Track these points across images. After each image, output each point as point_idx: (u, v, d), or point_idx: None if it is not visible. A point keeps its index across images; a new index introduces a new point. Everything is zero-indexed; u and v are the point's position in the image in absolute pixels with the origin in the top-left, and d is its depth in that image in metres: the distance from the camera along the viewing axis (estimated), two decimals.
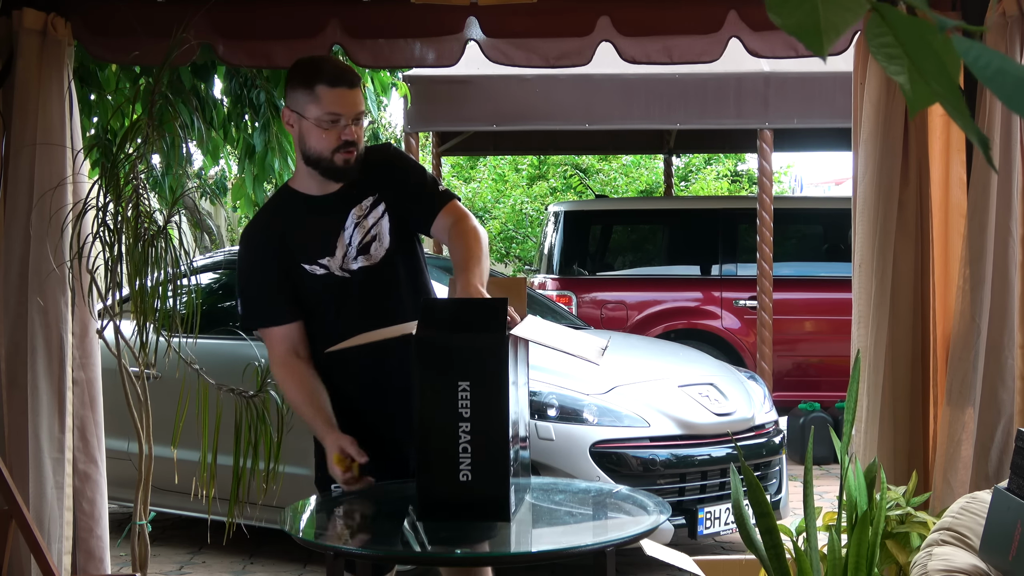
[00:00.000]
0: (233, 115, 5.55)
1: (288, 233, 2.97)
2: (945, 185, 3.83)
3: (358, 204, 2.98)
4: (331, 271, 2.96)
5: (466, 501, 2.51)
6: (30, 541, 3.34)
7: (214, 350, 5.21)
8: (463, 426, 2.47)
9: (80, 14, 3.89)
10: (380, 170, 3.00)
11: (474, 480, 2.48)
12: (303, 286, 2.96)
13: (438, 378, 2.47)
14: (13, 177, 3.79)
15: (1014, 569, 2.51)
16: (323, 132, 2.88)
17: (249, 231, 3.07)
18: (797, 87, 7.62)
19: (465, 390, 2.46)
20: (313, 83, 2.87)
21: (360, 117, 2.92)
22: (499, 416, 2.49)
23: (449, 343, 2.48)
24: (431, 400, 2.48)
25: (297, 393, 2.93)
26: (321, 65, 2.94)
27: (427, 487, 2.52)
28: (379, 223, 2.98)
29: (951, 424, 3.69)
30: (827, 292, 8.62)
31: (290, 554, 5.49)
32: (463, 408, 2.46)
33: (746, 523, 3.01)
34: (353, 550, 2.64)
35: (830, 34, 0.88)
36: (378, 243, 2.97)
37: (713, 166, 19.88)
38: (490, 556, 2.78)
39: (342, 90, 2.87)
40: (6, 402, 3.79)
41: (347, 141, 2.88)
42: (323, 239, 2.96)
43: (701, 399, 5.25)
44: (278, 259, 2.96)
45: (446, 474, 2.49)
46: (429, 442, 2.50)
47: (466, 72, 6.88)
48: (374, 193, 2.98)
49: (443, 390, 2.47)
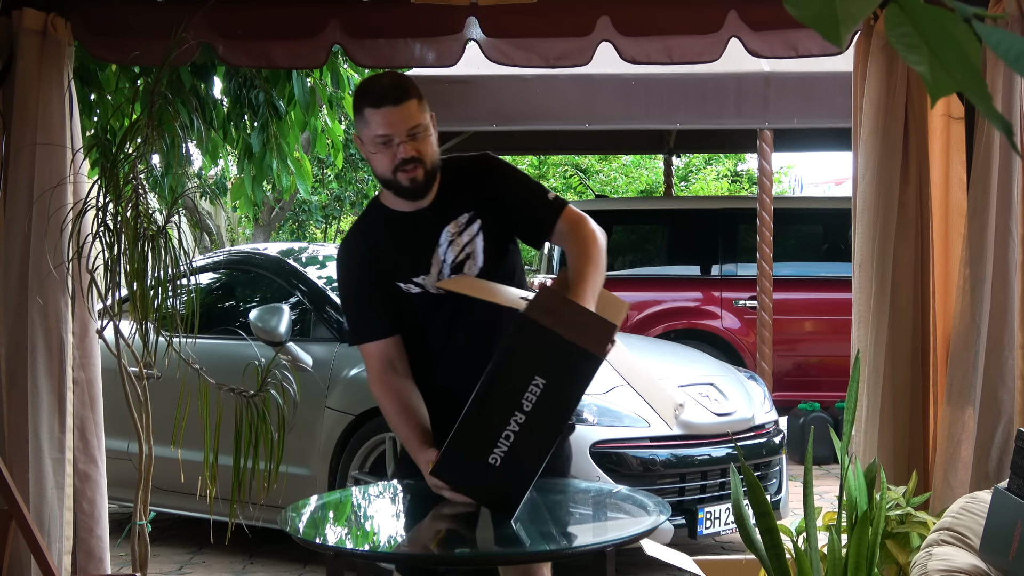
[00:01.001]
0: (232, 115, 5.55)
1: (380, 252, 2.89)
2: (945, 185, 3.83)
3: (454, 220, 2.88)
4: (426, 289, 2.87)
5: (482, 482, 2.53)
6: (30, 541, 3.34)
7: (214, 350, 5.21)
8: (517, 416, 2.46)
9: (80, 14, 3.89)
10: (478, 184, 2.89)
11: (500, 468, 2.49)
12: (400, 303, 2.89)
13: (522, 361, 2.45)
14: (13, 177, 3.79)
15: (1014, 569, 2.51)
16: (380, 154, 2.78)
17: (343, 250, 2.98)
18: (797, 87, 7.61)
19: (538, 386, 2.44)
20: (360, 106, 2.78)
21: (417, 131, 2.77)
22: (554, 426, 2.50)
23: (550, 338, 2.44)
24: (504, 376, 2.47)
25: (393, 410, 2.85)
26: (368, 86, 2.82)
27: (455, 449, 2.52)
28: (473, 241, 2.88)
29: (951, 424, 3.69)
30: (827, 292, 8.62)
31: (290, 554, 5.49)
32: (527, 400, 2.45)
33: (746, 523, 3.01)
34: (353, 550, 2.64)
35: (847, 23, 0.88)
36: (471, 262, 2.87)
37: (713, 166, 19.89)
38: (490, 556, 2.78)
39: (387, 109, 2.74)
40: (6, 402, 3.79)
41: (403, 159, 2.77)
42: (417, 257, 2.87)
43: (701, 399, 5.25)
44: (370, 278, 2.89)
45: (478, 447, 2.49)
46: (481, 411, 2.49)
47: (466, 72, 6.88)
48: (470, 210, 2.87)
49: (519, 374, 2.45)
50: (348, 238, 3.00)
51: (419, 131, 2.77)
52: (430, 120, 2.82)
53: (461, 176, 2.90)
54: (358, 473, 5.13)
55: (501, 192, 2.90)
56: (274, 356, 4.06)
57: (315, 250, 6.39)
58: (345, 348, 5.33)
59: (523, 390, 2.44)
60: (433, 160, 2.82)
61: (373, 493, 3.21)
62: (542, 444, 2.50)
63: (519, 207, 2.90)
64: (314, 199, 17.30)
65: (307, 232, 18.69)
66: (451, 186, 2.90)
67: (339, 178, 17.18)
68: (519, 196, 2.91)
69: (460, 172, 2.91)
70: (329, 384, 5.24)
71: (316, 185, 16.62)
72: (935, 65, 0.89)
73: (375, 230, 2.92)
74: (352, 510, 3.00)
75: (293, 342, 5.25)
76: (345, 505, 3.05)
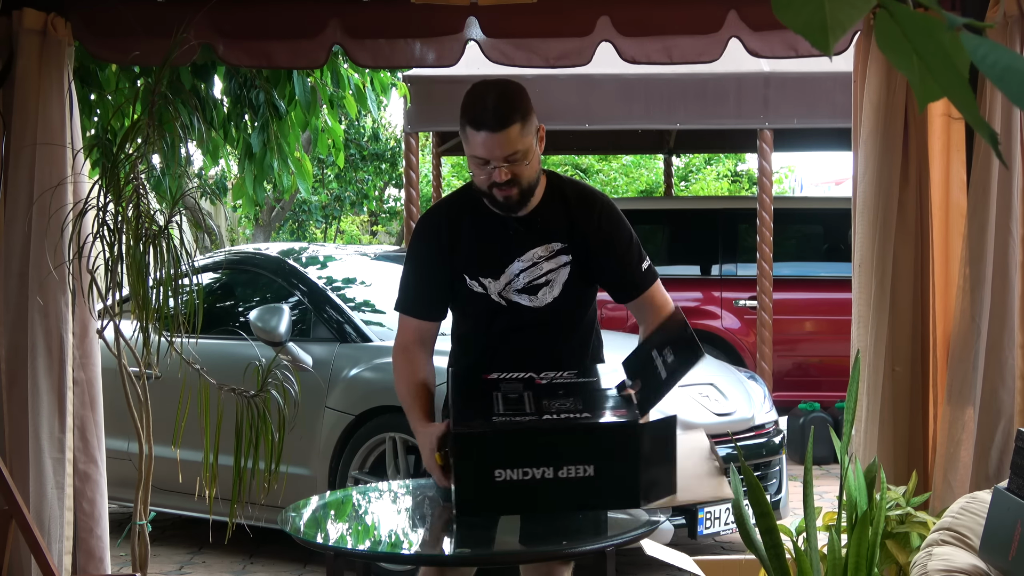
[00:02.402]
0: (233, 115, 5.55)
1: (460, 238, 2.86)
2: (945, 185, 3.83)
3: (546, 244, 2.83)
4: (488, 294, 2.85)
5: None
6: (30, 541, 3.34)
7: (215, 350, 5.21)
8: (547, 472, 2.50)
9: (80, 14, 3.89)
10: (581, 217, 2.84)
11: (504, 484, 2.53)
12: (461, 291, 2.88)
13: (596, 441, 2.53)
14: (13, 177, 3.80)
15: (1014, 569, 2.51)
16: (477, 169, 2.74)
17: (426, 219, 2.95)
18: (797, 87, 7.62)
19: (586, 469, 2.49)
20: (463, 119, 2.72)
21: (516, 156, 2.69)
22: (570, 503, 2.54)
23: (633, 460, 2.51)
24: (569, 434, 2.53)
25: (404, 381, 2.85)
26: (472, 101, 2.72)
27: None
28: (558, 271, 2.84)
29: (951, 424, 3.69)
30: (827, 292, 8.62)
31: (290, 554, 5.49)
32: (567, 470, 2.49)
33: (746, 523, 3.01)
34: (353, 550, 2.64)
35: (836, 32, 0.88)
36: (548, 289, 2.84)
37: (713, 166, 19.89)
38: (490, 556, 2.78)
39: (485, 134, 2.67)
40: (6, 402, 3.79)
41: (496, 183, 2.71)
42: (493, 260, 2.84)
43: (701, 399, 5.25)
44: (439, 258, 2.86)
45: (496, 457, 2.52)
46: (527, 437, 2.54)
47: (466, 72, 6.87)
48: (564, 241, 2.83)
49: (581, 448, 2.50)
50: (437, 208, 2.96)
51: (518, 156, 2.70)
52: (535, 139, 2.75)
53: (566, 202, 2.85)
54: (358, 473, 5.13)
55: (601, 237, 2.85)
56: (274, 356, 4.07)
57: (315, 250, 6.39)
58: (345, 348, 5.33)
59: (572, 461, 2.49)
60: (531, 181, 2.76)
61: (373, 493, 3.21)
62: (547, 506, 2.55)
63: (613, 261, 2.87)
64: (314, 199, 17.29)
65: (307, 232, 18.69)
66: (552, 207, 2.85)
67: (339, 178, 17.18)
68: (617, 250, 2.87)
69: (566, 197, 2.86)
70: (329, 384, 5.24)
71: (316, 185, 16.62)
72: (923, 72, 0.89)
73: (463, 213, 2.87)
74: (352, 510, 3.00)
75: (293, 342, 5.25)
76: (345, 505, 3.05)
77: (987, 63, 0.87)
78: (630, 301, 2.91)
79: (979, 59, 0.87)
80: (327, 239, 19.84)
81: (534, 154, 2.74)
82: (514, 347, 2.85)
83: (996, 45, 0.88)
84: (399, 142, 16.80)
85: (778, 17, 0.89)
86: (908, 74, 0.90)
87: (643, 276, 2.88)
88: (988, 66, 0.87)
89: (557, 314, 2.86)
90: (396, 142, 17.04)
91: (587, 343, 2.97)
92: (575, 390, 2.68)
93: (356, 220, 21.91)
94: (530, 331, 2.86)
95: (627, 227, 2.91)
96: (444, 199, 3.00)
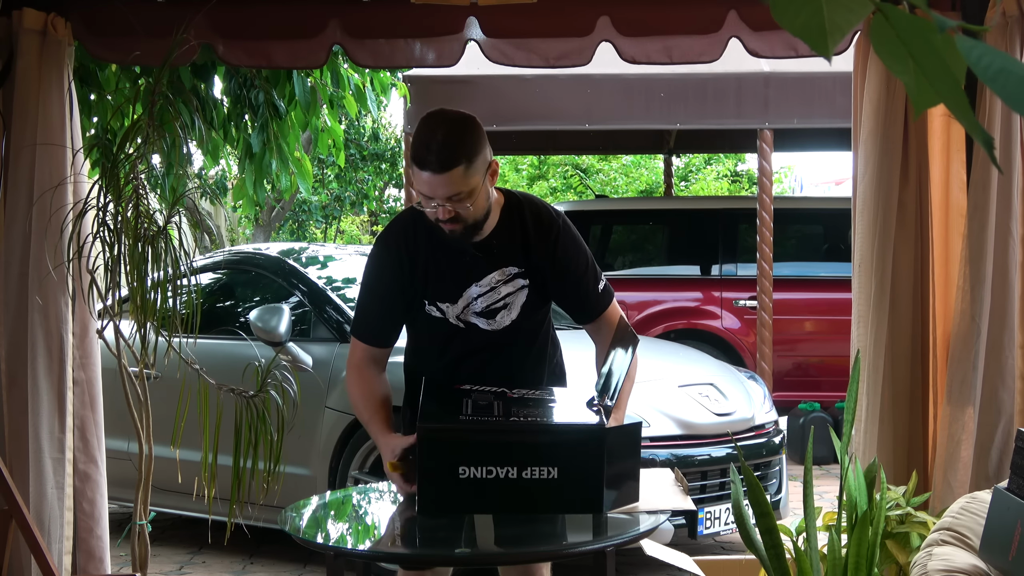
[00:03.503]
0: (233, 115, 5.55)
1: (417, 262, 2.84)
2: (945, 185, 3.83)
3: (501, 268, 2.84)
4: (447, 318, 2.86)
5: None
6: (30, 541, 3.34)
7: (214, 350, 5.21)
8: (511, 472, 2.53)
9: (80, 14, 3.89)
10: (538, 240, 2.84)
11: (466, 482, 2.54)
12: (419, 315, 2.89)
13: (561, 443, 2.55)
14: (13, 177, 3.80)
15: (1014, 569, 2.51)
16: (424, 202, 2.73)
17: (382, 241, 2.94)
18: (797, 87, 7.62)
19: (549, 470, 2.52)
20: (411, 156, 2.71)
21: (459, 197, 2.66)
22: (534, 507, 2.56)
23: (595, 463, 2.53)
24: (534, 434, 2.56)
25: (361, 397, 2.87)
26: (420, 138, 2.69)
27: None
28: (516, 295, 2.86)
29: (951, 424, 3.69)
30: (827, 292, 8.62)
31: (290, 554, 5.49)
32: (530, 471, 2.52)
33: (746, 523, 3.01)
34: (353, 550, 2.64)
35: (835, 35, 0.88)
36: (506, 312, 2.86)
37: (713, 166, 19.90)
38: (490, 556, 2.79)
39: (428, 174, 2.64)
40: (6, 402, 3.79)
41: (440, 219, 2.71)
42: (450, 286, 2.85)
43: (701, 399, 5.25)
44: (397, 284, 2.86)
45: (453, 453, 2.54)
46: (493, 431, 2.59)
47: (466, 72, 6.88)
48: (520, 266, 2.84)
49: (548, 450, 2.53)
50: (392, 231, 2.93)
51: (461, 196, 2.67)
52: (483, 177, 2.71)
53: (524, 225, 2.84)
54: (358, 473, 5.13)
55: (558, 264, 2.86)
56: (274, 356, 4.06)
57: (315, 250, 6.38)
58: (345, 348, 5.33)
59: (536, 463, 2.51)
60: (476, 217, 2.74)
61: (373, 493, 3.21)
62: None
63: (571, 286, 2.90)
64: (314, 199, 17.30)
65: (307, 232, 18.70)
66: (508, 231, 2.84)
67: (339, 178, 17.19)
68: (574, 276, 2.88)
69: (524, 220, 2.85)
70: (329, 384, 5.24)
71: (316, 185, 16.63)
72: (919, 77, 0.89)
73: (419, 235, 2.85)
74: (352, 510, 3.00)
75: (293, 342, 5.25)
76: (345, 505, 3.06)
77: (981, 65, 0.87)
78: (588, 323, 2.95)
79: (974, 61, 0.87)
80: (327, 239, 19.85)
81: (480, 192, 2.71)
82: (472, 367, 2.88)
83: (990, 48, 0.88)
84: (399, 142, 16.81)
85: (777, 20, 0.89)
86: (903, 78, 0.90)
87: (600, 298, 2.91)
88: (982, 68, 0.86)
89: (515, 333, 2.89)
90: (396, 142, 17.05)
91: (544, 354, 3.01)
92: (545, 402, 2.74)
93: (356, 220, 21.93)
94: (489, 351, 2.89)
95: (583, 249, 2.92)
96: (402, 216, 2.95)
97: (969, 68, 0.88)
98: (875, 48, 0.91)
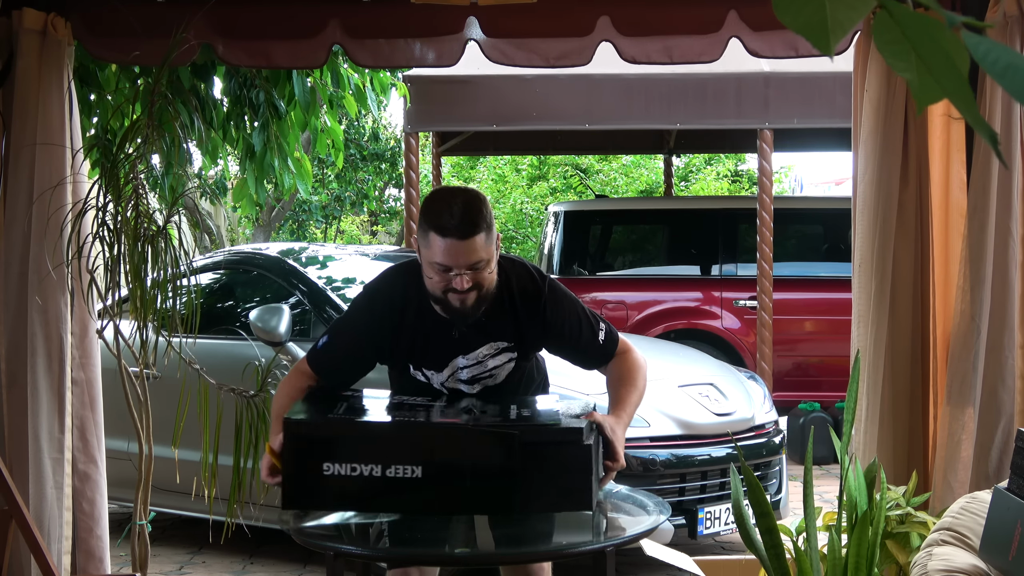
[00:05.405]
0: (232, 115, 5.55)
1: (404, 327, 2.82)
2: (945, 185, 3.83)
3: (492, 343, 2.83)
4: (431, 383, 2.88)
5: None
6: (30, 541, 3.34)
7: (214, 350, 5.21)
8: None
9: (80, 14, 3.89)
10: (531, 321, 2.83)
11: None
12: (404, 374, 2.90)
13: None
14: (13, 177, 3.79)
15: (1014, 569, 2.51)
16: (435, 275, 2.69)
17: (372, 292, 2.91)
18: (797, 87, 7.62)
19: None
20: (426, 224, 2.67)
21: (479, 265, 2.66)
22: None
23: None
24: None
25: (283, 397, 2.85)
26: (438, 207, 2.68)
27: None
28: (502, 367, 2.86)
29: (951, 424, 3.69)
30: (827, 292, 8.62)
31: (290, 554, 5.48)
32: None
33: (746, 523, 3.01)
34: (353, 550, 2.64)
35: (837, 32, 0.88)
36: (491, 379, 2.87)
37: (713, 166, 19.88)
38: (490, 556, 2.78)
39: (451, 241, 2.63)
40: (6, 402, 3.79)
41: (456, 289, 2.68)
42: (436, 357, 2.84)
43: (701, 399, 5.25)
44: (374, 341, 2.85)
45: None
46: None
47: (466, 72, 6.88)
48: (510, 340, 2.83)
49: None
50: (382, 293, 2.89)
51: (481, 264, 2.67)
52: (495, 248, 2.73)
53: (512, 299, 2.82)
54: None
55: (551, 332, 2.86)
56: (274, 356, 4.07)
57: (315, 250, 6.38)
58: None
59: (401, 461, 2.50)
60: (490, 287, 2.74)
61: None
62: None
63: (569, 348, 2.91)
64: (314, 199, 17.30)
65: (307, 232, 18.69)
66: (500, 303, 2.81)
67: (339, 178, 17.18)
68: (569, 338, 2.88)
69: (512, 293, 2.82)
70: None
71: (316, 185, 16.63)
72: (922, 73, 0.89)
73: (411, 303, 2.82)
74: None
75: (293, 342, 5.25)
76: None
77: (988, 60, 0.87)
78: (598, 368, 2.96)
79: (981, 56, 0.87)
80: (327, 239, 19.84)
81: (494, 262, 2.73)
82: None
83: (998, 44, 0.88)
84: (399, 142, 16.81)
85: (779, 18, 0.89)
86: (907, 75, 0.90)
87: (603, 348, 2.89)
88: (990, 64, 0.86)
89: (498, 390, 2.90)
90: (396, 142, 17.05)
91: (531, 385, 3.02)
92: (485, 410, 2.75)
93: (356, 220, 21.92)
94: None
95: (574, 308, 2.88)
96: (389, 287, 2.91)
97: (974, 67, 0.88)
98: (878, 45, 0.91)
